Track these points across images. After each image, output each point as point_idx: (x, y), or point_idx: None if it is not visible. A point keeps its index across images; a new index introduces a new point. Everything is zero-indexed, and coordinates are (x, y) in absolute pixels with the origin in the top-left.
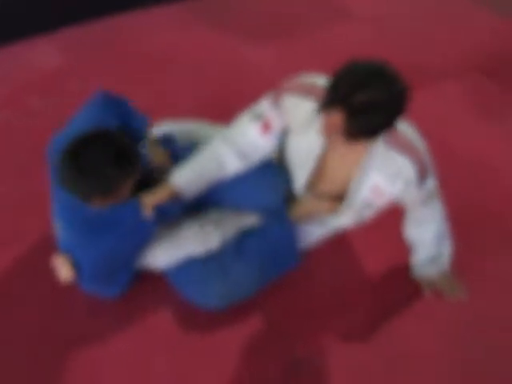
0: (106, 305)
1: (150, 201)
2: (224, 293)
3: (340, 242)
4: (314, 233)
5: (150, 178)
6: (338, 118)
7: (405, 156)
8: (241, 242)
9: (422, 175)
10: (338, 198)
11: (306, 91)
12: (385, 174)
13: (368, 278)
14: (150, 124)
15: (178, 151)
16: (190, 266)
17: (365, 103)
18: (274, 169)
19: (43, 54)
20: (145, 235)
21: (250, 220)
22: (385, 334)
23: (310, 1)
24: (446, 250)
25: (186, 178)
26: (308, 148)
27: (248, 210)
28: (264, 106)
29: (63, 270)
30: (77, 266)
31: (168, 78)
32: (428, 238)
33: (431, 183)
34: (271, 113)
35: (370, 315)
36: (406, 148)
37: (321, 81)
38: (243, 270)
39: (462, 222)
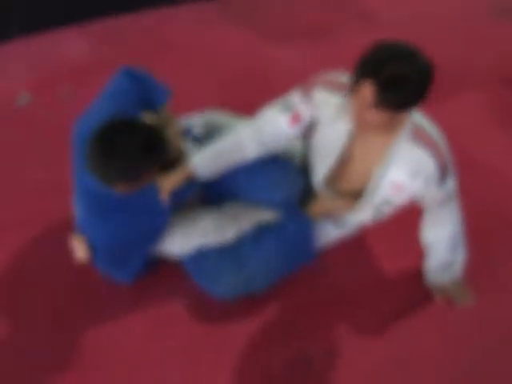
0: (123, 288)
1: (168, 184)
2: (237, 284)
3: (356, 241)
4: (331, 233)
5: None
6: (368, 90)
7: (427, 152)
8: (257, 236)
9: (442, 173)
10: (357, 195)
11: (335, 87)
12: (406, 170)
13: (381, 277)
14: (171, 94)
15: (199, 139)
16: (205, 255)
17: (394, 75)
18: (292, 165)
19: (73, 44)
20: (160, 219)
21: (267, 215)
22: (394, 334)
23: (335, 4)
24: (460, 257)
25: (205, 159)
26: (335, 138)
27: (262, 205)
28: (295, 97)
29: (79, 250)
30: (92, 246)
31: (193, 76)
32: (443, 241)
33: (451, 183)
34: (302, 105)
35: (380, 315)
36: (428, 144)
37: (346, 78)
38: (258, 263)
39: (479, 230)
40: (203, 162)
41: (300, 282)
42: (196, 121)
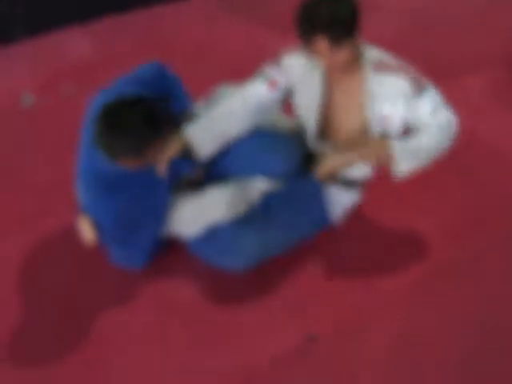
0: (132, 275)
1: (163, 155)
2: (254, 253)
3: (361, 220)
4: (343, 197)
5: None
6: (322, 44)
7: (394, 75)
8: (268, 204)
9: (417, 86)
10: (352, 145)
11: (299, 51)
12: (385, 99)
13: (387, 256)
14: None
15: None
16: (218, 230)
17: (331, 17)
18: (286, 135)
19: (76, 43)
20: (161, 193)
21: (273, 184)
22: (403, 313)
23: None
24: (415, 162)
25: (198, 128)
26: (312, 91)
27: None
28: (266, 68)
29: (86, 231)
30: (97, 225)
31: (196, 71)
32: (433, 132)
33: (432, 92)
34: (273, 71)
35: (387, 296)
36: (392, 70)
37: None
38: (273, 229)
39: (481, 209)
40: (196, 131)
41: (303, 265)
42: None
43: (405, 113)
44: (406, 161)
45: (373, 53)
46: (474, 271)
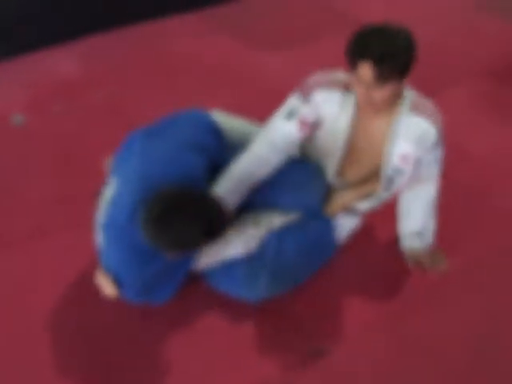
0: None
1: None
2: (268, 289)
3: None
4: (347, 224)
5: None
6: (366, 70)
7: (427, 120)
8: (281, 240)
9: (439, 138)
10: (368, 180)
11: (333, 85)
12: (411, 140)
13: (387, 270)
14: None
15: None
16: (233, 265)
17: (385, 49)
18: (314, 168)
19: (63, 62)
20: (188, 262)
21: (286, 218)
22: (404, 327)
23: (321, 10)
24: (432, 226)
25: (227, 187)
26: (339, 130)
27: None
28: (296, 103)
29: (107, 287)
30: (119, 283)
31: (188, 86)
32: (421, 205)
33: (441, 149)
34: (304, 109)
35: (389, 307)
36: (427, 114)
37: (341, 75)
38: (286, 266)
39: (471, 219)
40: (226, 190)
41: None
42: None
43: (421, 156)
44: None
45: (410, 95)
46: (474, 281)
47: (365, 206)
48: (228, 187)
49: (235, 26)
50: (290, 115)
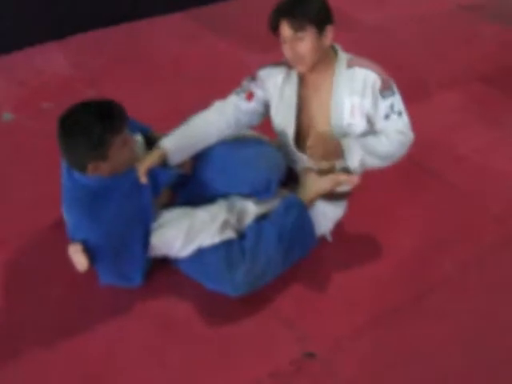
0: (125, 294)
1: (143, 164)
2: (249, 281)
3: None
4: (328, 214)
5: None
6: (284, 27)
7: (366, 69)
8: (259, 231)
9: (384, 83)
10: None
11: (277, 63)
12: (355, 92)
13: (381, 276)
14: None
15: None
16: (207, 256)
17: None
18: (269, 148)
19: (52, 59)
20: (143, 198)
21: (262, 206)
22: (396, 334)
23: None
24: (369, 162)
25: (174, 139)
26: (287, 99)
27: (244, 190)
28: (243, 83)
29: (78, 257)
30: (87, 249)
31: (172, 86)
32: (377, 140)
33: (397, 96)
34: (251, 85)
35: (382, 313)
36: (364, 65)
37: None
38: (265, 255)
39: (466, 222)
40: (172, 141)
41: (296, 280)
42: None
43: (370, 108)
44: (357, 155)
45: (347, 55)
46: (465, 285)
47: (342, 188)
48: (175, 142)
49: (225, 26)
50: (240, 91)
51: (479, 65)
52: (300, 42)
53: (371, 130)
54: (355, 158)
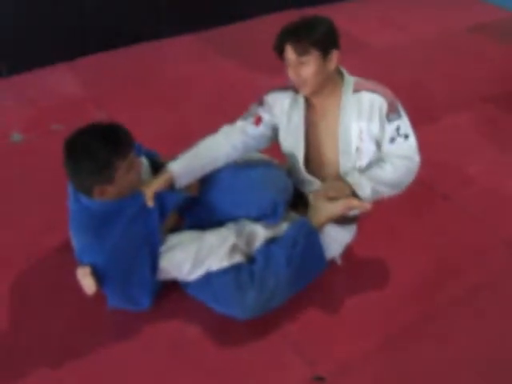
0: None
1: (150, 188)
2: (258, 305)
3: (360, 258)
4: (338, 238)
5: None
6: (288, 51)
7: (372, 92)
8: (268, 254)
9: (391, 107)
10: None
11: (284, 88)
12: (362, 117)
13: (387, 299)
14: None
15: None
16: (216, 280)
17: (299, 23)
18: (276, 170)
19: (62, 80)
20: (150, 221)
21: (276, 230)
22: (404, 355)
23: None
24: (380, 190)
25: (181, 162)
26: (295, 127)
27: (251, 213)
28: (251, 107)
29: (86, 280)
30: (95, 272)
31: (183, 109)
32: (386, 169)
33: (401, 123)
34: (259, 109)
35: (390, 336)
36: (371, 89)
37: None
38: (275, 279)
39: (477, 245)
40: (180, 165)
41: (304, 302)
42: None
43: (378, 132)
44: (366, 186)
45: (353, 78)
46: (475, 309)
47: (352, 212)
48: (182, 166)
49: (234, 48)
50: (248, 116)
51: (488, 86)
52: (303, 66)
53: (379, 155)
54: (366, 189)
